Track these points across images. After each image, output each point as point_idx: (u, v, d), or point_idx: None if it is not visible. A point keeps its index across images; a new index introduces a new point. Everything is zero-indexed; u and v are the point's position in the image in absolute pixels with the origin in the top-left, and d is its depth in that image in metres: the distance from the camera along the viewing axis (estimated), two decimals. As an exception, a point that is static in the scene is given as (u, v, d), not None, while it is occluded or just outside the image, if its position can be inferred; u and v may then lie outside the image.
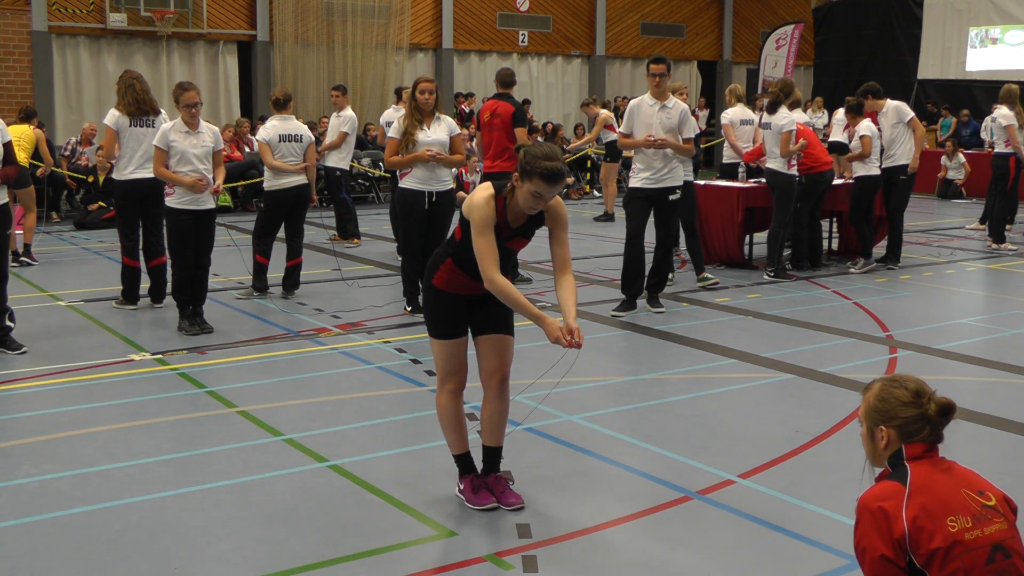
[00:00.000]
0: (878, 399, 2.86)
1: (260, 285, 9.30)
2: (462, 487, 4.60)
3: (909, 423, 2.80)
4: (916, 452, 2.79)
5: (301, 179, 9.26)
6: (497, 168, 9.66)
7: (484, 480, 4.58)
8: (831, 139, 11.73)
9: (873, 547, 2.66)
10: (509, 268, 4.62)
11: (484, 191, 4.25)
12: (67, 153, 15.66)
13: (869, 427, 2.88)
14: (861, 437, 2.93)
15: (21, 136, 11.51)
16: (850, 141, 11.08)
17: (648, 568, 3.98)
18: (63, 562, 3.98)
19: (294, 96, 13.38)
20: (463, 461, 4.62)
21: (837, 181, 11.21)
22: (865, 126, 10.72)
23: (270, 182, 9.28)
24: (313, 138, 9.70)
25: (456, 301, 4.44)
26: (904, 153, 10.91)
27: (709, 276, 9.93)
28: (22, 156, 11.62)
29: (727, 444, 5.42)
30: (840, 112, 10.50)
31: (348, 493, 4.71)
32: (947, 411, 2.80)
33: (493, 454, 4.59)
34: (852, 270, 10.91)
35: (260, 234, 9.31)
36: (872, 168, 10.74)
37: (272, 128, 9.26)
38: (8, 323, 7.22)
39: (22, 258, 10.97)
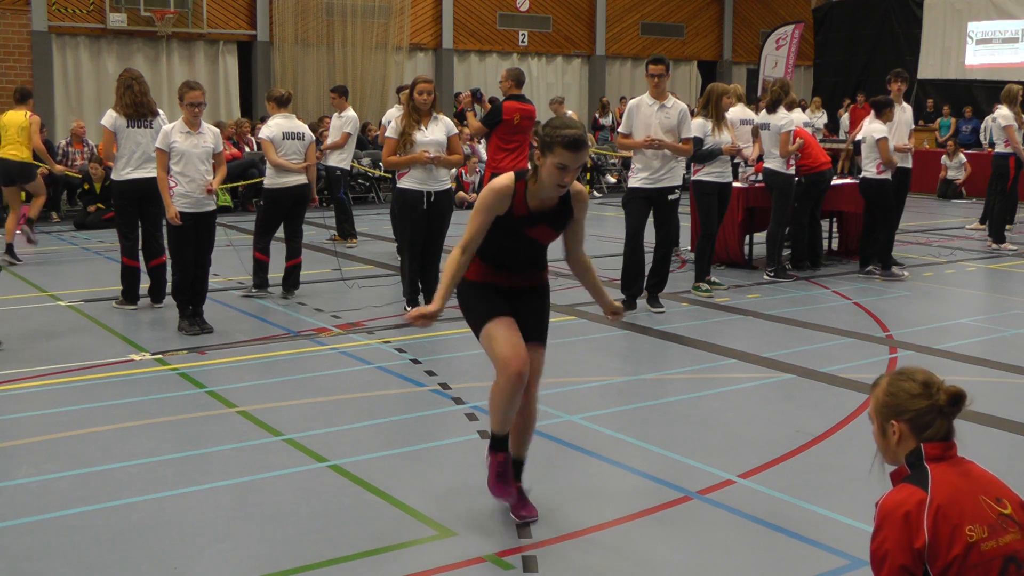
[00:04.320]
0: (887, 394, 2.77)
1: (260, 282, 9.30)
2: (489, 461, 4.37)
3: (921, 415, 2.71)
4: (936, 452, 2.70)
5: (301, 179, 9.26)
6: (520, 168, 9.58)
7: (510, 469, 4.34)
8: (856, 138, 11.69)
9: (894, 556, 2.57)
10: (538, 263, 4.44)
11: (505, 177, 4.18)
12: (59, 157, 15.53)
13: (880, 423, 2.79)
14: (873, 435, 2.84)
15: (20, 128, 11.45)
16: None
17: (648, 568, 3.98)
18: (63, 562, 3.98)
19: (294, 96, 13.38)
20: (499, 440, 4.33)
21: (837, 181, 11.20)
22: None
23: (271, 180, 9.28)
24: (314, 137, 9.72)
25: (490, 290, 4.31)
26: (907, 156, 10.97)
27: (706, 286, 9.48)
28: (26, 152, 11.61)
29: (727, 444, 5.42)
30: (870, 118, 10.43)
31: (348, 493, 4.70)
32: (958, 400, 2.71)
33: (514, 466, 4.39)
34: (877, 275, 10.39)
35: (260, 232, 9.30)
36: (886, 172, 10.56)
37: (276, 126, 9.26)
38: None
39: (4, 256, 10.93)
